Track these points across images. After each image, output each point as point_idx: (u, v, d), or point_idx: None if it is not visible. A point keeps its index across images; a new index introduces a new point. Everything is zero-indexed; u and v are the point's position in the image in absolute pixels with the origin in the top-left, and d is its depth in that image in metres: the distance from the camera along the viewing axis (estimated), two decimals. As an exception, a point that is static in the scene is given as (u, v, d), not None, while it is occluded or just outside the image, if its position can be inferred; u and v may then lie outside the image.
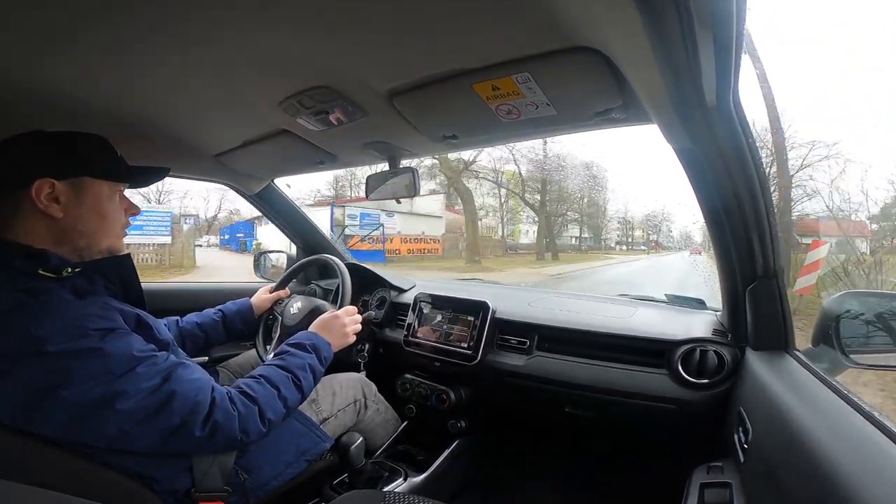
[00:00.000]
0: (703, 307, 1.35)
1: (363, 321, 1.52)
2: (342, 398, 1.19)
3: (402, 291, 1.69)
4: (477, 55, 0.72)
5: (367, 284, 1.76)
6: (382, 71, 0.80)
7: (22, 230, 0.72)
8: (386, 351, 1.59)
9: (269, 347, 1.28)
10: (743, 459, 0.77)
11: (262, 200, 1.71)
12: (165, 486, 0.78)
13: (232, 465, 0.86)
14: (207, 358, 1.44)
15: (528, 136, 1.05)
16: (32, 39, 0.67)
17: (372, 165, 1.42)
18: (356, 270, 1.67)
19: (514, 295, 1.64)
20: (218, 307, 1.29)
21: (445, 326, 1.41)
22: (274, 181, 1.67)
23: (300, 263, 1.55)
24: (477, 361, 1.31)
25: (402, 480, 1.26)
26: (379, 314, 1.61)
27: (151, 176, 0.94)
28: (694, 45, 0.52)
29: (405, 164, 1.25)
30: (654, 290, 1.60)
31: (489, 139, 1.16)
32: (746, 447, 0.76)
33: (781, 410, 0.68)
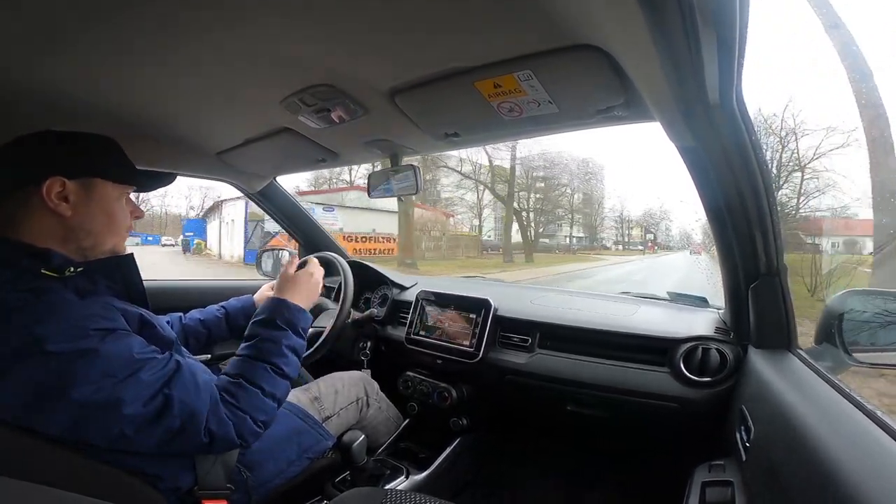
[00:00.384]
0: (705, 305, 1.34)
1: (365, 319, 1.53)
2: (344, 396, 1.19)
3: (404, 289, 1.69)
4: (479, 53, 0.72)
5: (369, 282, 1.76)
6: (384, 69, 0.80)
7: (29, 227, 0.72)
8: (388, 349, 1.60)
9: None
10: (745, 458, 0.77)
11: (264, 198, 1.71)
12: (168, 483, 0.78)
13: (234, 462, 0.87)
14: (210, 356, 1.45)
15: (529, 133, 1.05)
16: (33, 39, 0.67)
17: (374, 163, 1.42)
18: (358, 268, 1.67)
19: (516, 293, 1.64)
20: (221, 304, 1.30)
21: (447, 324, 1.41)
22: (276, 179, 1.68)
23: (302, 261, 1.55)
24: (479, 359, 1.31)
25: (403, 478, 1.27)
26: (381, 312, 1.62)
27: (159, 181, 0.94)
28: (697, 41, 0.51)
29: (407, 161, 1.25)
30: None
31: (491, 137, 1.16)
32: (748, 445, 0.76)
33: (784, 409, 0.68)
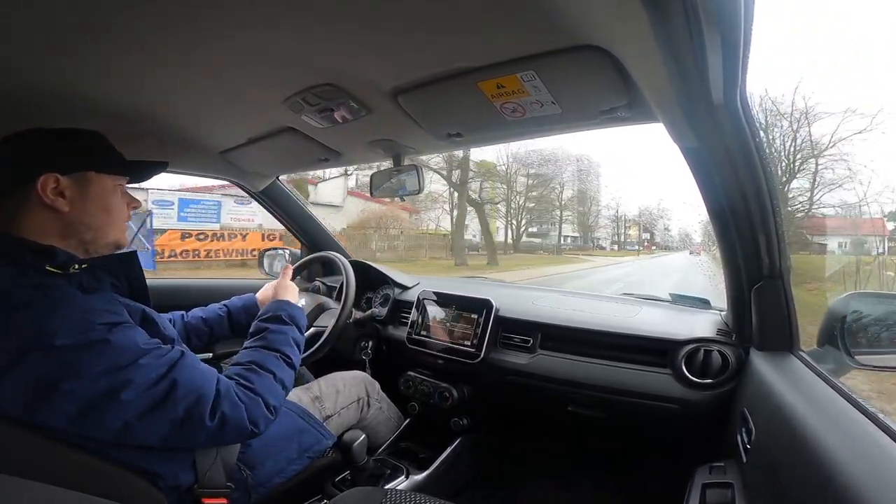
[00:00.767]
0: (707, 307, 1.34)
1: (367, 319, 1.54)
2: (345, 396, 1.19)
3: (405, 289, 1.69)
4: (482, 53, 0.72)
5: (370, 282, 1.76)
6: (387, 69, 0.80)
7: (29, 225, 0.73)
8: (389, 348, 1.60)
9: None
10: (745, 460, 0.76)
11: (267, 198, 1.71)
12: (168, 481, 0.78)
13: (235, 461, 0.87)
14: (212, 354, 1.45)
15: (532, 134, 1.04)
16: (41, 39, 0.68)
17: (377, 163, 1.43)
18: (360, 268, 1.67)
19: (517, 293, 1.64)
20: (223, 302, 1.30)
21: (449, 324, 1.41)
22: (279, 178, 1.68)
23: (304, 260, 1.56)
24: (480, 359, 1.31)
25: (404, 478, 1.27)
26: (382, 312, 1.62)
27: (150, 170, 0.94)
28: (701, 42, 0.51)
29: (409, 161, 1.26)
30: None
31: (494, 137, 1.16)
32: (749, 448, 0.76)
33: (785, 411, 0.67)
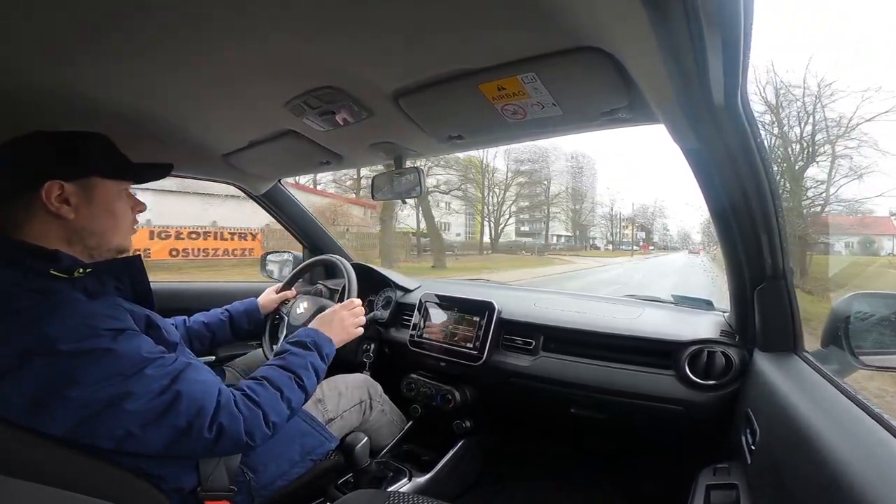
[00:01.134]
0: (710, 308, 1.34)
1: (368, 322, 1.53)
2: (348, 399, 1.19)
3: (407, 292, 1.69)
4: (482, 55, 0.72)
5: (372, 284, 1.76)
6: (388, 71, 0.80)
7: (34, 232, 0.73)
8: (391, 351, 1.59)
9: (275, 347, 1.29)
10: (750, 461, 0.76)
11: (268, 200, 1.72)
12: (171, 484, 0.78)
13: (238, 464, 0.87)
14: (214, 357, 1.45)
15: (533, 136, 1.04)
16: (47, 43, 0.68)
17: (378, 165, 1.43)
18: (362, 270, 1.67)
19: (519, 295, 1.63)
20: (225, 307, 1.30)
21: (451, 327, 1.41)
22: (281, 181, 1.68)
23: (306, 263, 1.56)
24: (482, 362, 1.31)
25: (406, 480, 1.27)
26: (384, 314, 1.62)
27: (155, 172, 0.94)
28: (701, 43, 0.51)
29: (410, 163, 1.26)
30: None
31: (495, 139, 1.16)
32: (753, 449, 0.76)
33: (789, 412, 0.67)
